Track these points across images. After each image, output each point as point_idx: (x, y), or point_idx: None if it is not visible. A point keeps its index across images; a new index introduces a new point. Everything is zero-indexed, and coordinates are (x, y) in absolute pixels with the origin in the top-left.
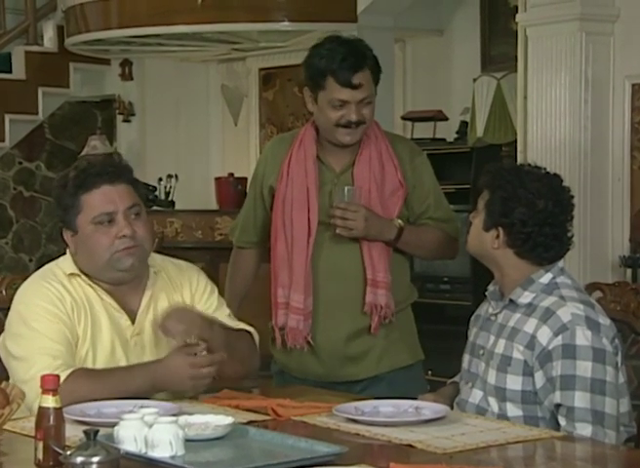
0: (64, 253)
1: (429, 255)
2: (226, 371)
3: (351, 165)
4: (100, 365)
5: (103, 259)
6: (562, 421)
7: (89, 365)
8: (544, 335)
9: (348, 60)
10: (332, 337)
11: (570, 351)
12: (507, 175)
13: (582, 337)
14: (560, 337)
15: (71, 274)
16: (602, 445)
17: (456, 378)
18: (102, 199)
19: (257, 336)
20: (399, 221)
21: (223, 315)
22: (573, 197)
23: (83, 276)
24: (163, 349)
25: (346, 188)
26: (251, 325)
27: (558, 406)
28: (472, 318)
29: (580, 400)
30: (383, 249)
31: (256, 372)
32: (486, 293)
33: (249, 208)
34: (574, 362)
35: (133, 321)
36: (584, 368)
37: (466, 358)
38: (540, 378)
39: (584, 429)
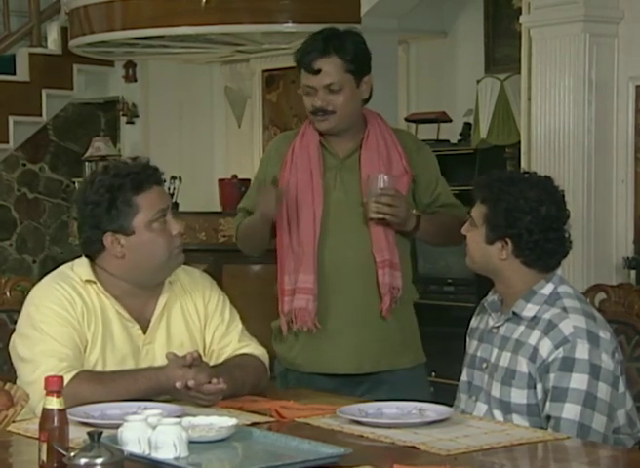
0: (79, 257)
1: (442, 242)
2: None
3: (356, 150)
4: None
5: (163, 259)
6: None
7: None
8: (545, 348)
9: (313, 46)
10: (339, 322)
11: (568, 364)
12: (504, 187)
13: (582, 351)
14: (561, 350)
15: (87, 281)
16: (609, 447)
17: None
18: (157, 197)
19: (266, 359)
20: (414, 211)
21: (236, 330)
22: (564, 195)
23: (98, 284)
24: None
25: (384, 176)
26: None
27: (549, 417)
28: (469, 331)
29: (569, 412)
30: (389, 231)
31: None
32: (485, 305)
33: (250, 203)
34: (570, 374)
35: (145, 330)
36: (581, 380)
37: (467, 371)
38: (540, 391)
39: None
